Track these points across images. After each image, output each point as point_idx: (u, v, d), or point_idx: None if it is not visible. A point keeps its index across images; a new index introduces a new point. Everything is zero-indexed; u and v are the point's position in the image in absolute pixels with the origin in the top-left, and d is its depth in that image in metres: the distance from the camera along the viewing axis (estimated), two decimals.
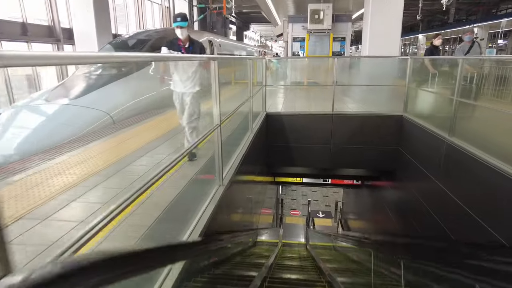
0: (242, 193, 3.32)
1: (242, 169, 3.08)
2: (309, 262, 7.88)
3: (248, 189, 3.86)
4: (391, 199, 6.03)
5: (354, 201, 10.01)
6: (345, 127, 5.67)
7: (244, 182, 3.48)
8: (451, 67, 4.79)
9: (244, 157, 3.19)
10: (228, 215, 2.70)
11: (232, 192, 2.71)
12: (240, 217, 3.22)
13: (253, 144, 3.89)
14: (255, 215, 4.88)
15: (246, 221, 3.79)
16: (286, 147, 5.86)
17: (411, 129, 5.08)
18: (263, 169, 5.52)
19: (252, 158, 3.82)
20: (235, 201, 2.85)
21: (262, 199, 5.85)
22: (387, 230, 6.25)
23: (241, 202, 3.37)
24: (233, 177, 2.68)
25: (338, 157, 5.83)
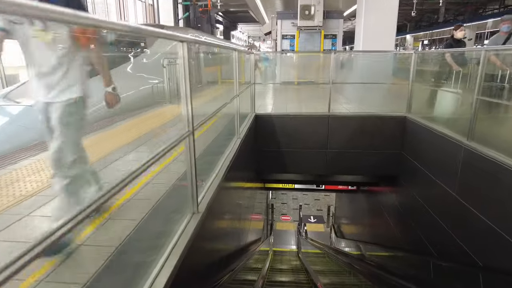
0: (227, 212, 2.70)
1: (225, 184, 2.47)
2: (303, 276, 7.31)
3: (234, 205, 3.25)
4: (391, 205, 5.51)
5: (348, 205, 9.50)
6: (343, 129, 5.12)
7: (229, 199, 2.86)
8: (472, 61, 4.16)
9: (228, 169, 2.58)
10: (209, 245, 2.07)
11: (213, 217, 2.09)
12: (226, 243, 2.60)
13: (240, 152, 3.28)
14: (243, 231, 4.28)
15: (233, 244, 3.19)
16: (278, 152, 5.27)
17: (417, 132, 4.56)
18: (252, 176, 4.91)
19: (238, 169, 3.21)
20: (217, 228, 2.22)
21: (251, 207, 5.25)
22: (387, 237, 5.74)
23: (227, 225, 2.76)
24: (214, 196, 2.07)
25: (334, 162, 5.28)
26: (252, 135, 4.86)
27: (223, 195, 2.40)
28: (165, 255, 1.45)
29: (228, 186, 2.66)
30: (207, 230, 1.91)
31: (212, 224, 2.05)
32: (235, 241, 3.31)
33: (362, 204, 7.71)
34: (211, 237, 2.03)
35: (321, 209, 14.08)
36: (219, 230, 2.30)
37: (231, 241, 2.94)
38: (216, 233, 2.19)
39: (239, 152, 3.17)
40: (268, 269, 8.14)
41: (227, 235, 2.69)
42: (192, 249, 1.60)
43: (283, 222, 13.04)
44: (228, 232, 2.77)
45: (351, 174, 5.36)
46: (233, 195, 2.96)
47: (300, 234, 11.03)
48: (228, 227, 2.78)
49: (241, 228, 3.82)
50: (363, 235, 7.72)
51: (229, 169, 2.59)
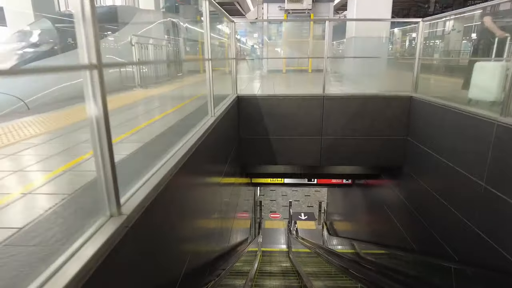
0: (188, 213, 1.92)
1: (183, 176, 1.70)
2: (294, 279, 6.60)
3: (203, 203, 2.47)
4: (395, 200, 4.84)
5: (342, 201, 8.85)
6: (340, 113, 4.40)
7: (192, 195, 2.07)
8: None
9: (191, 156, 1.80)
10: (148, 260, 1.28)
11: (157, 221, 1.32)
12: (185, 252, 1.82)
13: (213, 135, 2.51)
14: (223, 233, 3.52)
15: (204, 250, 2.42)
16: (264, 140, 4.52)
17: (428, 113, 3.87)
18: (233, 169, 4.15)
19: (208, 157, 2.43)
20: (166, 235, 1.45)
21: (233, 205, 4.50)
22: (390, 236, 5.07)
23: (189, 230, 1.97)
24: (160, 193, 1.30)
25: (330, 151, 4.56)
26: (233, 120, 4.09)
27: (178, 191, 1.62)
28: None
29: (190, 179, 1.88)
30: (142, 239, 1.14)
31: (153, 232, 1.27)
32: (208, 246, 2.55)
33: (358, 199, 7.05)
34: (151, 249, 1.26)
35: (311, 205, 13.45)
36: (171, 237, 1.52)
37: (198, 246, 2.17)
38: (164, 242, 1.41)
39: (211, 135, 2.39)
40: (256, 272, 7.41)
41: (188, 241, 1.92)
42: (108, 266, 0.84)
43: (272, 220, 12.33)
44: (192, 237, 2.00)
45: (349, 164, 4.67)
46: (200, 191, 2.18)
47: (290, 232, 10.34)
48: (192, 231, 2.01)
49: (219, 229, 3.06)
50: (359, 233, 7.06)
51: (192, 156, 1.81)
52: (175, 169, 1.52)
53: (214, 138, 2.55)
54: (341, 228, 9.21)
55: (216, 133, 2.68)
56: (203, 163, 2.20)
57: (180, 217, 1.68)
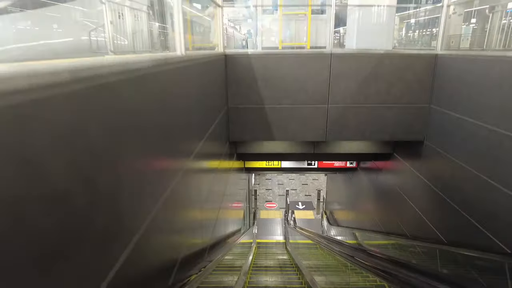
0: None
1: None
2: (294, 275, 5.90)
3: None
4: (414, 182, 4.11)
5: (344, 188, 8.12)
6: (350, 75, 3.61)
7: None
8: None
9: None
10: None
11: None
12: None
13: (186, 91, 1.72)
14: (204, 224, 2.74)
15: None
16: (258, 110, 3.72)
17: (462, 71, 3.09)
18: (216, 148, 3.35)
19: (176, 126, 1.64)
20: None
21: (218, 194, 3.73)
22: (407, 223, 4.36)
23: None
24: None
25: (338, 123, 3.78)
26: (219, 84, 3.28)
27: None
28: None
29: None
30: None
31: None
32: (184, 239, 1.79)
33: (365, 184, 6.32)
34: None
35: (309, 194, 12.75)
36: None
37: (168, 239, 1.42)
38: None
39: (182, 86, 1.60)
40: (250, 266, 6.69)
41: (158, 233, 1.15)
42: None
43: (268, 210, 11.62)
44: (162, 229, 1.26)
45: (360, 139, 3.88)
46: (154, 176, 1.43)
47: (287, 222, 9.64)
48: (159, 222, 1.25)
49: (198, 221, 2.29)
50: (364, 222, 6.35)
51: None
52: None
53: (184, 95, 1.76)
54: (342, 218, 8.51)
55: (190, 86, 1.89)
56: (157, 134, 1.41)
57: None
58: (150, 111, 1.22)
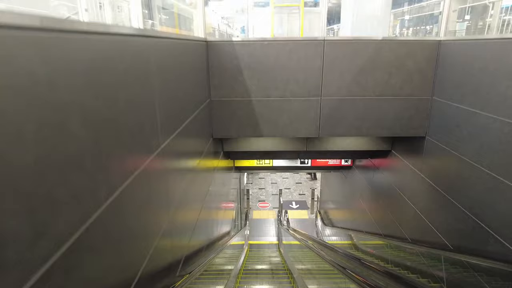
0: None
1: None
2: (285, 280, 5.58)
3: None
4: (413, 181, 3.81)
5: (338, 187, 7.81)
6: (346, 64, 3.28)
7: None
8: None
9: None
10: None
11: None
12: None
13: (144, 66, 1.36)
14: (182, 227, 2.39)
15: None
16: (244, 104, 3.37)
17: (471, 58, 2.77)
18: (202, 146, 3.00)
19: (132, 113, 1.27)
20: None
21: (199, 193, 3.38)
22: (406, 226, 4.06)
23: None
24: None
25: (332, 118, 3.45)
26: (197, 72, 2.92)
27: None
28: None
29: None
30: None
31: None
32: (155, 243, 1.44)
33: (360, 184, 6.01)
34: None
35: (303, 193, 12.45)
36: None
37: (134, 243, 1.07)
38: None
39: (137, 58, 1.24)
40: (241, 271, 6.36)
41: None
42: None
43: (260, 210, 11.29)
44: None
45: (356, 134, 3.54)
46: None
47: (280, 223, 9.31)
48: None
49: (173, 224, 1.94)
50: (360, 222, 6.05)
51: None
52: None
53: (138, 82, 1.40)
54: (337, 217, 8.21)
55: (147, 73, 1.53)
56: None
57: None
58: (75, 91, 0.86)
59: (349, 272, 2.84)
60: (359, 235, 5.88)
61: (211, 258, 3.20)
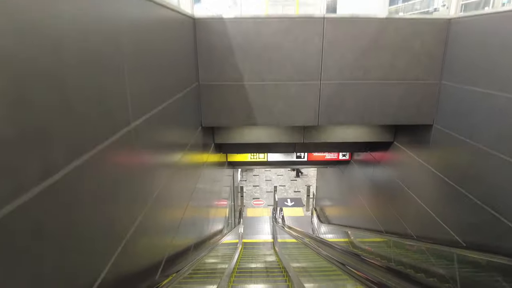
0: None
1: None
2: (281, 279, 5.32)
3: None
4: (420, 174, 3.54)
5: (335, 183, 7.55)
6: (348, 45, 2.99)
7: None
8: None
9: None
10: None
11: None
12: None
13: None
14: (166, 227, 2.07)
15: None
16: (235, 88, 3.06)
17: (485, 35, 2.50)
18: (186, 136, 2.69)
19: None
20: None
21: (185, 190, 3.07)
22: (411, 222, 3.81)
23: None
24: None
25: (332, 104, 3.16)
26: (180, 52, 2.60)
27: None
28: None
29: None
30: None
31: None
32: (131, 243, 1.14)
33: (359, 179, 5.75)
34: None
35: (299, 190, 12.19)
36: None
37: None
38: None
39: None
40: (234, 270, 6.07)
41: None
42: None
43: (255, 208, 11.00)
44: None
45: (358, 123, 3.25)
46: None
47: (276, 221, 9.04)
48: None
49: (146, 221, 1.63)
50: (360, 219, 5.80)
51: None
52: None
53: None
54: (334, 214, 7.96)
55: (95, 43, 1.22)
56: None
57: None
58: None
59: (349, 268, 2.56)
60: (358, 232, 5.62)
61: (201, 256, 2.89)
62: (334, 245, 4.30)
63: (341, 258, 3.20)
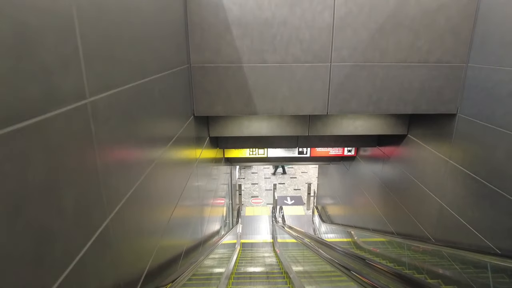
0: None
1: None
2: (282, 284, 4.95)
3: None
4: (441, 170, 3.16)
5: (338, 181, 7.16)
6: (361, 21, 2.59)
7: None
8: None
9: None
10: None
11: None
12: None
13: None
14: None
15: None
16: (233, 70, 2.66)
17: None
18: (171, 127, 2.29)
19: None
20: None
21: (172, 189, 2.68)
22: (429, 224, 3.44)
23: None
24: None
25: (344, 89, 2.76)
26: (170, 26, 2.20)
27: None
28: None
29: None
30: None
31: None
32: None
33: (365, 176, 5.37)
34: None
35: (299, 188, 11.82)
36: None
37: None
38: None
39: None
40: (232, 274, 5.69)
41: None
42: None
43: (254, 206, 10.62)
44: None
45: (373, 111, 2.83)
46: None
47: (276, 220, 8.66)
48: None
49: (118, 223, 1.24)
50: (367, 218, 5.43)
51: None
52: None
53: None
54: (337, 213, 7.58)
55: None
56: None
57: None
58: None
59: (354, 273, 2.19)
60: (365, 233, 5.25)
61: (195, 265, 2.50)
62: (339, 247, 3.93)
63: (346, 262, 2.80)
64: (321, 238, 5.90)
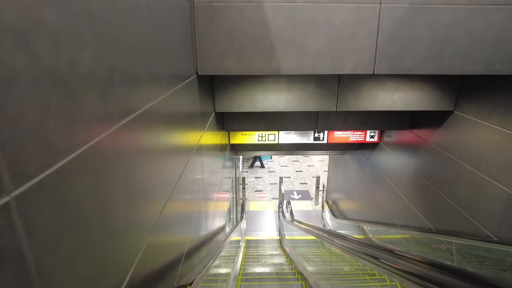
0: None
1: None
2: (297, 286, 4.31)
3: None
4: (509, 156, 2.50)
5: (355, 172, 6.49)
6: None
7: None
8: None
9: None
10: None
11: None
12: None
13: None
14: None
15: None
16: (250, 11, 1.99)
17: None
18: (173, 83, 1.61)
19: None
20: None
21: (163, 180, 2.01)
22: (503, 221, 2.78)
23: None
24: None
25: (397, 41, 2.09)
26: None
27: None
28: None
29: None
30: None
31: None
32: None
33: (392, 165, 4.71)
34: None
35: (305, 182, 11.17)
36: None
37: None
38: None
39: None
40: (239, 276, 5.05)
41: None
42: None
43: (258, 201, 9.98)
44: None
45: (433, 71, 2.13)
46: None
47: (283, 215, 8.01)
48: None
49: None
50: (393, 213, 4.78)
51: None
52: None
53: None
54: (351, 208, 6.93)
55: None
56: None
57: None
58: None
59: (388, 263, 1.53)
60: (392, 230, 4.59)
61: (200, 276, 1.83)
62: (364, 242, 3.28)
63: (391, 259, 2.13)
64: (346, 235, 5.25)
